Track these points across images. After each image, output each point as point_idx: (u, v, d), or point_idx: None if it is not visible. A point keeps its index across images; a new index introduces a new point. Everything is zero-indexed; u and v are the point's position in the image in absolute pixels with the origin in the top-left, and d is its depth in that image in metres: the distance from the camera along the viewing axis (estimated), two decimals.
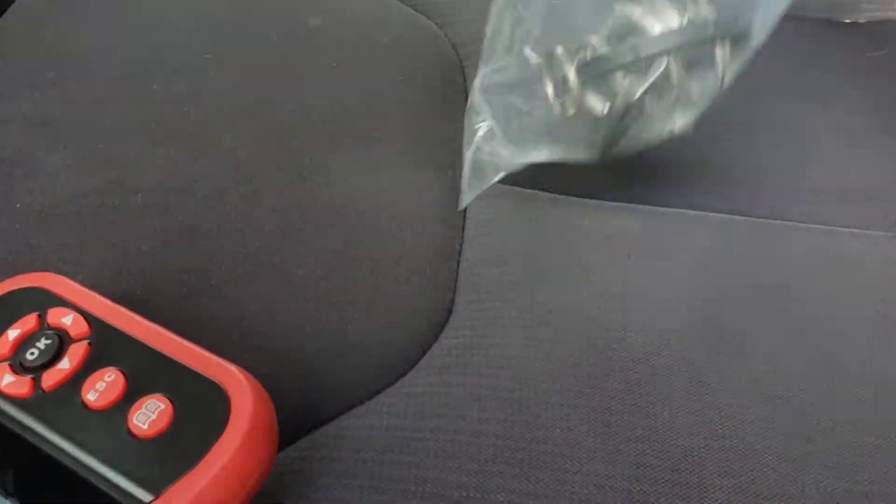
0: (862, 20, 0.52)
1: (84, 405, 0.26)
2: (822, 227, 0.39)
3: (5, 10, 0.47)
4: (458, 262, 0.37)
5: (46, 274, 0.30)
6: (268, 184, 0.38)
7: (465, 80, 0.45)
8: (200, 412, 0.25)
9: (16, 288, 0.29)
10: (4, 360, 0.27)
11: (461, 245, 0.38)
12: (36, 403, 0.26)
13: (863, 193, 0.41)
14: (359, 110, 0.42)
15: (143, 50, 0.44)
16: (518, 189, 0.40)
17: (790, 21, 0.51)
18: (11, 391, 0.26)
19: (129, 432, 0.25)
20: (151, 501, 0.23)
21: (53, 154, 0.38)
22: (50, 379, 0.26)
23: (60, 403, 0.26)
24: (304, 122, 0.41)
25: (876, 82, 0.47)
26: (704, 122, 0.42)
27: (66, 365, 0.27)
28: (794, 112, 0.45)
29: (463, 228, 0.38)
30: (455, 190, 0.40)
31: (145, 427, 0.25)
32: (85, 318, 0.28)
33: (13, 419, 0.26)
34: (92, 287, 0.30)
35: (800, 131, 0.44)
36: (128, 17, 0.46)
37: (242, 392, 0.26)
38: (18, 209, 0.36)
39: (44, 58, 0.43)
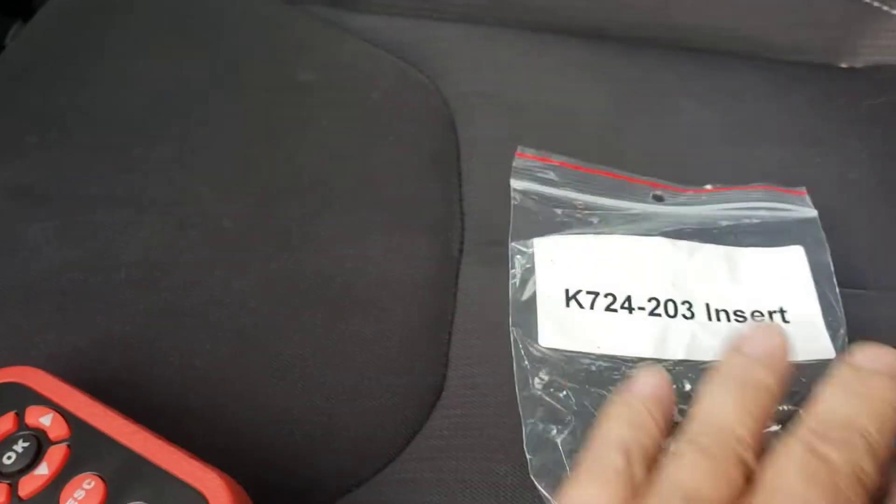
0: (859, 65, 0.51)
1: None
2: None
3: None
4: (451, 334, 0.36)
5: (26, 368, 0.29)
6: (254, 255, 0.37)
7: (456, 136, 0.44)
8: None
9: None
10: None
11: (453, 315, 0.37)
12: None
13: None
14: (349, 172, 0.41)
15: (128, 111, 0.43)
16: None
17: (787, 66, 0.51)
18: None
19: None
20: None
21: (35, 225, 0.38)
22: (28, 486, 0.25)
23: None
24: (292, 186, 0.40)
25: (874, 132, 0.46)
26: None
27: (44, 470, 0.26)
28: (791, 161, 0.44)
29: (455, 295, 0.38)
30: (447, 254, 0.39)
31: None
32: (64, 419, 0.27)
33: None
34: (74, 371, 0.30)
35: (796, 181, 0.43)
36: (112, 77, 0.45)
37: (221, 498, 0.25)
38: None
39: (26, 121, 0.43)
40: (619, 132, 0.45)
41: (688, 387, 0.32)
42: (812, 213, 0.39)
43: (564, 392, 0.32)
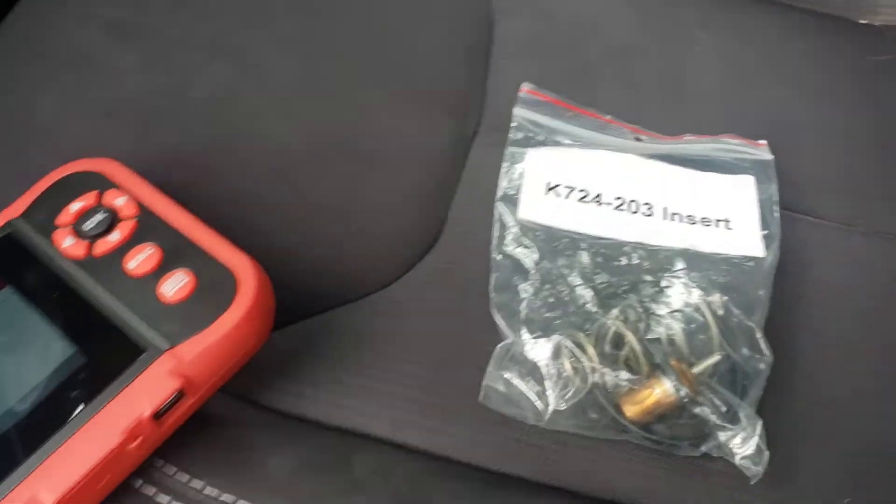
0: (877, 22, 0.55)
1: (125, 272, 0.32)
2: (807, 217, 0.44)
3: None
4: (451, 199, 0.43)
5: (108, 160, 0.36)
6: (301, 107, 0.44)
7: (491, 34, 0.50)
8: (215, 288, 0.32)
9: (81, 169, 0.36)
10: (67, 226, 0.34)
11: (457, 184, 0.43)
12: (89, 264, 0.33)
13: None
14: (389, 50, 0.48)
15: None
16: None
17: (806, 14, 0.55)
18: (70, 252, 0.33)
19: (158, 297, 0.32)
20: (168, 349, 0.30)
21: (125, 55, 0.45)
22: (101, 247, 0.33)
23: (108, 268, 0.33)
24: (341, 55, 0.47)
25: (873, 87, 0.50)
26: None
27: (115, 237, 0.33)
28: (779, 106, 0.49)
29: (463, 168, 0.44)
30: (462, 133, 0.45)
31: (171, 294, 0.32)
32: (134, 202, 0.34)
33: (69, 275, 0.33)
34: (144, 173, 0.37)
35: (780, 125, 0.48)
36: None
37: (249, 277, 0.32)
38: (89, 100, 0.43)
39: None
40: (633, 51, 0.50)
41: (624, 261, 0.39)
42: (769, 156, 0.44)
43: (531, 253, 0.39)
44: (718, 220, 0.41)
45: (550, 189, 0.42)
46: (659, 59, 0.51)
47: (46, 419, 0.29)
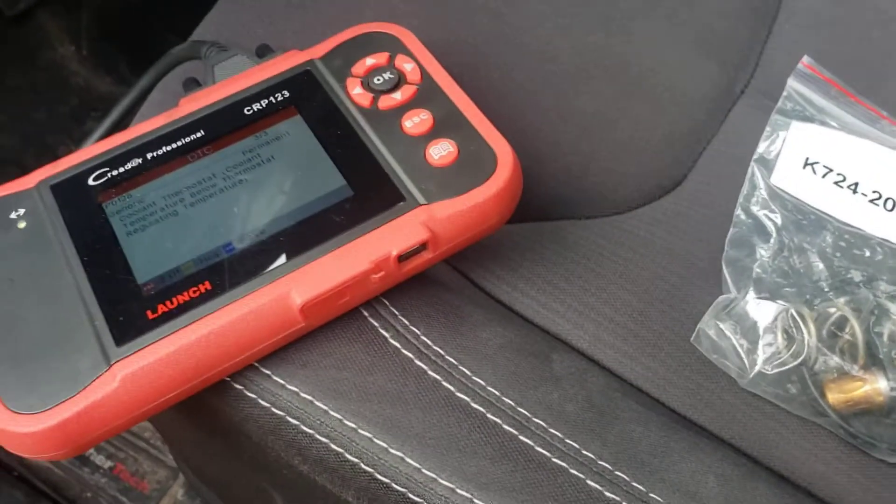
0: None
1: (401, 128, 0.35)
2: None
3: None
4: (704, 150, 0.43)
5: (404, 29, 0.39)
6: (578, 23, 0.45)
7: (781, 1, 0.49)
8: (475, 163, 0.34)
9: (380, 30, 0.39)
10: (359, 76, 0.37)
11: (713, 136, 0.43)
12: (372, 114, 0.36)
13: None
14: None
15: None
16: None
17: None
18: (357, 100, 0.36)
19: (425, 157, 0.34)
20: (424, 204, 0.33)
21: None
22: (385, 102, 0.36)
23: (387, 121, 0.36)
24: None
25: None
26: None
27: (398, 96, 0.36)
28: None
29: (722, 122, 0.44)
30: (729, 89, 0.45)
31: (437, 158, 0.34)
32: (420, 70, 0.37)
33: (353, 118, 0.36)
34: (430, 47, 0.39)
35: None
36: None
37: (507, 161, 0.34)
38: None
39: None
40: None
41: (867, 253, 0.38)
42: None
43: (775, 218, 0.38)
44: None
45: (808, 164, 0.41)
46: None
47: (310, 234, 0.32)
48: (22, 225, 0.34)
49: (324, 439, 0.32)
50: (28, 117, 1.02)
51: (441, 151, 0.34)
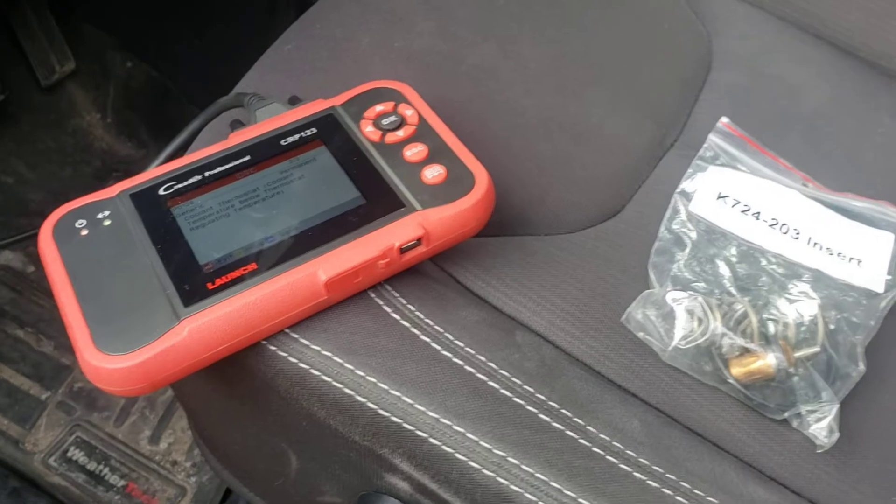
0: None
1: (403, 157, 0.46)
2: None
3: None
4: (639, 187, 0.54)
5: (405, 85, 0.50)
6: (541, 88, 0.57)
7: (707, 76, 0.61)
8: (458, 182, 0.45)
9: (387, 86, 0.50)
10: (370, 119, 0.48)
11: (648, 176, 0.54)
12: (380, 146, 0.47)
13: None
14: (623, 68, 0.60)
15: None
16: None
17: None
18: (369, 136, 0.47)
19: (420, 178, 0.45)
20: (419, 210, 0.43)
21: (426, 21, 0.60)
22: (390, 138, 0.47)
23: (392, 151, 0.46)
24: (582, 59, 0.59)
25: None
26: None
27: (400, 134, 0.47)
28: None
29: (655, 166, 0.55)
30: (662, 142, 0.56)
31: (430, 178, 0.45)
32: (418, 115, 0.48)
33: (366, 149, 0.47)
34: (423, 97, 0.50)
35: None
36: None
37: (482, 181, 0.45)
38: (395, 48, 0.58)
39: None
40: (821, 118, 0.59)
41: (763, 262, 0.49)
42: None
43: (691, 234, 0.49)
44: (852, 258, 0.50)
45: (721, 197, 0.52)
46: (843, 130, 0.59)
47: (332, 230, 0.43)
48: (107, 223, 0.44)
49: (339, 384, 0.41)
50: (56, 176, 1.14)
51: (433, 173, 0.45)
